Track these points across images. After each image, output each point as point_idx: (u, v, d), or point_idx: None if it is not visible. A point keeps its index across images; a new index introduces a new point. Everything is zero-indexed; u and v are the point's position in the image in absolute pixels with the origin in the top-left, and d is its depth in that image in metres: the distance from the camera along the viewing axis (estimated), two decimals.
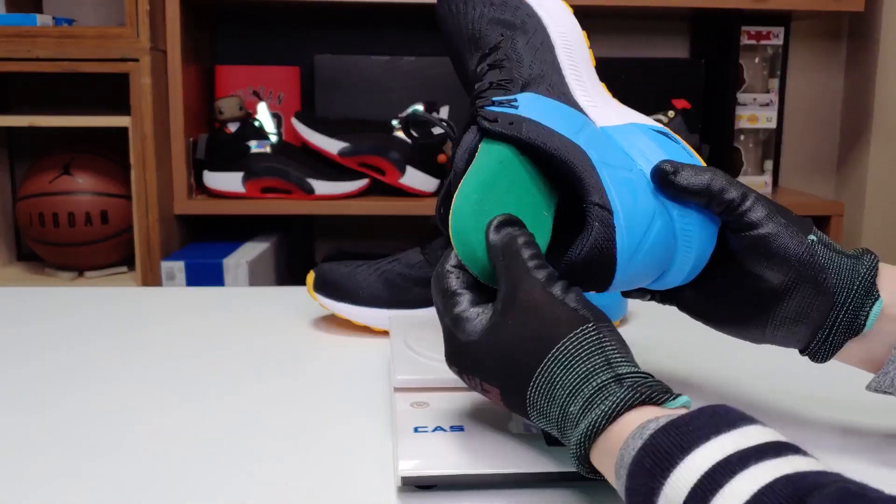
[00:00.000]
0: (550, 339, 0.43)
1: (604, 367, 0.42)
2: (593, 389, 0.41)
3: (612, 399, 0.41)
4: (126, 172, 1.59)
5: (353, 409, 0.59)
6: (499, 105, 0.53)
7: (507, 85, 0.54)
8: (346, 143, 1.65)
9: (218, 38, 1.85)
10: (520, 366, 0.44)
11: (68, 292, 0.93)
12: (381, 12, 1.85)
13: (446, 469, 0.46)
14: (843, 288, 0.49)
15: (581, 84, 0.55)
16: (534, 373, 0.43)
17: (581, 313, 0.44)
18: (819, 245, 0.49)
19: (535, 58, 0.55)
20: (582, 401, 0.41)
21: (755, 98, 1.81)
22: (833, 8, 1.66)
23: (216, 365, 0.69)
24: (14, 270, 1.72)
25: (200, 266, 1.51)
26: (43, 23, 1.53)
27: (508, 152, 0.52)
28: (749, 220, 0.49)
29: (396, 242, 1.93)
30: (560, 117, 0.52)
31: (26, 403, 0.60)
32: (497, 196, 0.49)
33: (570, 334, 0.43)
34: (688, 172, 0.49)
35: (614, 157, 0.51)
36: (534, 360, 0.43)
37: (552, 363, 0.43)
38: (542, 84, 0.54)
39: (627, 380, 0.42)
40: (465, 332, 0.46)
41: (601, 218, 0.48)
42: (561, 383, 0.42)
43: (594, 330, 0.43)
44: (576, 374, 0.42)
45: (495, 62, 0.55)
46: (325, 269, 0.77)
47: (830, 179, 2.01)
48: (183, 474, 0.50)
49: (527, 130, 0.51)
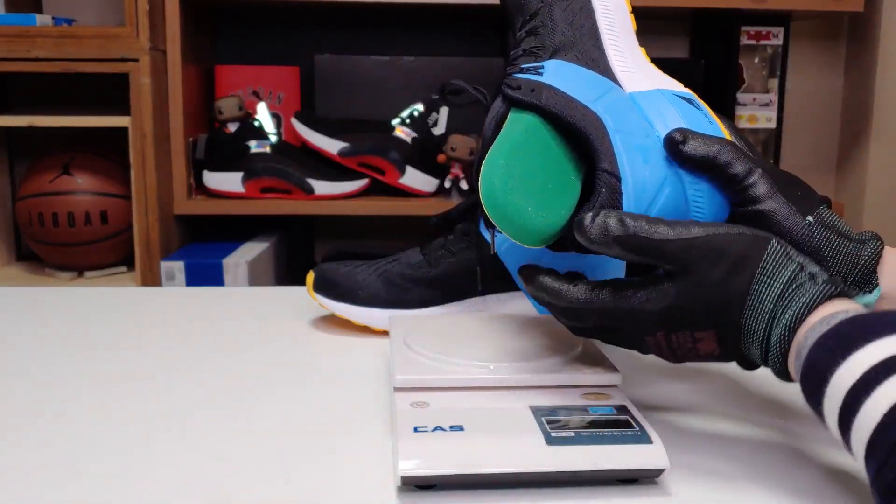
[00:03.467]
0: (751, 266, 0.45)
1: (798, 270, 0.45)
2: (793, 289, 0.44)
3: (810, 293, 0.44)
4: (126, 172, 1.59)
5: (352, 409, 0.59)
6: (526, 72, 0.54)
7: (537, 52, 0.55)
8: (345, 143, 1.65)
9: (218, 38, 1.85)
10: (729, 302, 0.46)
11: (68, 292, 0.93)
12: (381, 12, 1.85)
13: (446, 469, 0.46)
14: (841, 271, 0.49)
15: (617, 48, 0.56)
16: (745, 300, 0.45)
17: (762, 235, 0.46)
18: (818, 227, 0.49)
19: (571, 24, 0.56)
20: (784, 302, 0.44)
21: (755, 98, 1.81)
22: (833, 8, 1.66)
23: (216, 365, 0.69)
24: (14, 270, 1.71)
25: (200, 266, 1.51)
26: (43, 23, 1.53)
27: (534, 119, 0.53)
28: (749, 195, 0.50)
29: (396, 242, 1.93)
30: (583, 83, 0.53)
31: (25, 404, 0.60)
32: (523, 160, 0.50)
33: (764, 254, 0.45)
34: (696, 143, 0.50)
35: (633, 124, 0.52)
36: (742, 290, 0.45)
37: (758, 286, 0.45)
38: (572, 50, 0.55)
39: (819, 276, 0.45)
40: (651, 301, 0.47)
41: (609, 184, 0.49)
42: (769, 297, 0.45)
43: (778, 244, 0.46)
44: (780, 284, 0.45)
45: (532, 29, 0.56)
46: (324, 269, 0.77)
47: (830, 179, 2.01)
48: (182, 474, 0.50)
49: (546, 98, 0.52)
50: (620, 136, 0.51)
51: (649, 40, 1.91)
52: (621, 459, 0.47)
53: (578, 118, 0.51)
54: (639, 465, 0.47)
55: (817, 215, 0.50)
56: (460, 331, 0.61)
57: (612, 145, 0.50)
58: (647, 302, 0.47)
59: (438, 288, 0.74)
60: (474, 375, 0.54)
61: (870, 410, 0.37)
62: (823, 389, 0.40)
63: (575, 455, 0.47)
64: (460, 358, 0.55)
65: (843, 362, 0.39)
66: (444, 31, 1.87)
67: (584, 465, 0.46)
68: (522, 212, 0.49)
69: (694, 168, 0.50)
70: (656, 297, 0.47)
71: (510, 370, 0.54)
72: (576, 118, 0.51)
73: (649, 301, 0.47)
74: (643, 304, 0.47)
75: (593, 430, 0.48)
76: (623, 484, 0.48)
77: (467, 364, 0.55)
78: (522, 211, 0.49)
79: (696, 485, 0.48)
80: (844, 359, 0.39)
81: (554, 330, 0.61)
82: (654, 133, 0.51)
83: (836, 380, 0.39)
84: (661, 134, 0.51)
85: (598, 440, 0.47)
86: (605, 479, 0.47)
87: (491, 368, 0.54)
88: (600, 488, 0.47)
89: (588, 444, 0.47)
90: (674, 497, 0.47)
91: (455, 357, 0.55)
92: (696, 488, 0.48)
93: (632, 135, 0.51)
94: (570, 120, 0.52)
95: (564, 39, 0.55)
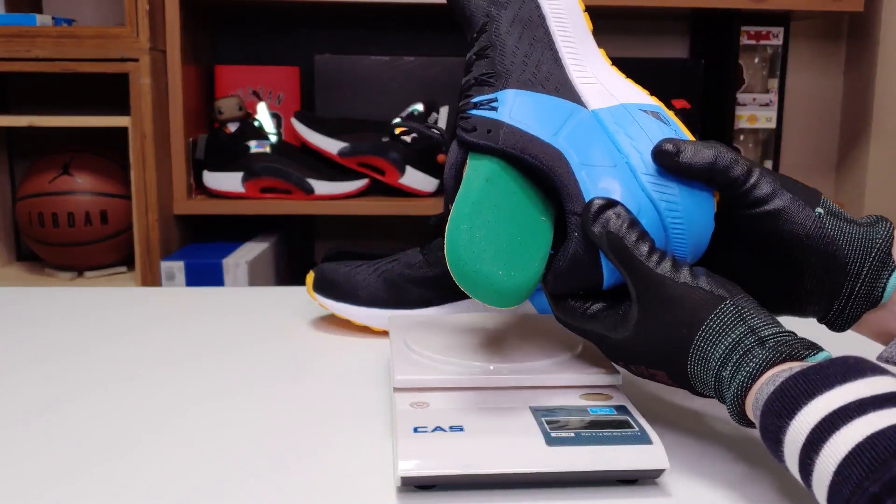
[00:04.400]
0: (695, 323, 0.46)
1: (747, 333, 0.45)
2: (739, 355, 0.44)
3: (755, 361, 0.44)
4: (125, 172, 1.59)
5: (352, 409, 0.59)
6: (479, 107, 0.51)
7: (489, 80, 0.52)
8: (345, 143, 1.65)
9: (218, 38, 1.85)
10: (674, 351, 0.47)
11: (68, 292, 0.93)
12: (381, 12, 1.85)
13: (446, 469, 0.46)
14: (857, 259, 0.49)
15: (575, 57, 0.53)
16: (688, 354, 0.46)
17: (717, 293, 0.46)
18: (828, 216, 0.49)
19: (521, 37, 0.52)
20: (731, 366, 0.45)
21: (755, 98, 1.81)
22: (833, 8, 1.66)
23: (215, 365, 0.69)
24: (14, 270, 1.71)
25: (200, 266, 1.51)
26: (42, 23, 1.53)
27: (494, 166, 0.50)
28: (754, 196, 0.49)
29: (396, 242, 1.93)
30: (542, 113, 0.51)
31: (25, 404, 0.60)
32: (487, 220, 0.48)
33: (712, 315, 0.46)
34: (690, 151, 0.48)
35: (598, 152, 0.50)
36: (686, 343, 0.46)
37: (702, 342, 0.46)
38: (525, 71, 0.52)
39: (770, 341, 0.44)
40: (616, 332, 0.49)
41: (580, 227, 0.48)
42: (713, 356, 0.45)
43: (732, 305, 0.46)
44: (724, 346, 0.45)
45: (481, 50, 0.53)
46: (324, 269, 0.77)
47: (830, 179, 2.01)
48: (182, 474, 0.50)
49: (504, 139, 0.50)
50: (587, 171, 0.49)
51: (649, 40, 1.91)
52: (621, 460, 0.47)
53: (541, 157, 0.49)
54: (639, 465, 0.47)
55: (824, 206, 0.49)
56: (460, 331, 0.61)
57: (579, 183, 0.49)
58: (612, 330, 0.49)
59: (438, 288, 0.74)
60: (474, 375, 0.54)
61: (820, 472, 0.37)
62: (781, 451, 0.40)
63: (575, 455, 0.46)
64: (460, 358, 0.55)
65: (790, 424, 0.39)
66: (444, 31, 1.87)
67: (583, 466, 0.46)
68: (493, 278, 0.47)
69: (692, 177, 0.49)
70: (622, 327, 0.49)
71: (510, 370, 0.54)
72: (538, 157, 0.49)
73: (615, 330, 0.49)
74: (609, 332, 0.49)
75: (593, 430, 0.48)
76: (623, 484, 0.48)
77: (467, 364, 0.55)
78: (492, 277, 0.47)
79: (696, 485, 0.48)
80: (791, 420, 0.39)
81: (554, 330, 0.61)
82: (621, 159, 0.49)
83: (787, 441, 0.40)
84: (631, 156, 0.49)
85: (597, 440, 0.47)
86: (604, 479, 0.47)
87: (491, 368, 0.54)
88: (600, 488, 0.47)
89: (588, 445, 0.47)
90: (674, 497, 0.47)
91: (455, 357, 0.55)
92: (696, 488, 0.48)
93: (598, 167, 0.49)
94: (531, 161, 0.49)
95: (516, 60, 0.52)
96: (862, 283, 0.49)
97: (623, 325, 0.48)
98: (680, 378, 0.48)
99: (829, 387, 0.39)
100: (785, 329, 0.45)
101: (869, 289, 0.49)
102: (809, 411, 0.38)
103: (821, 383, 0.39)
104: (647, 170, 0.49)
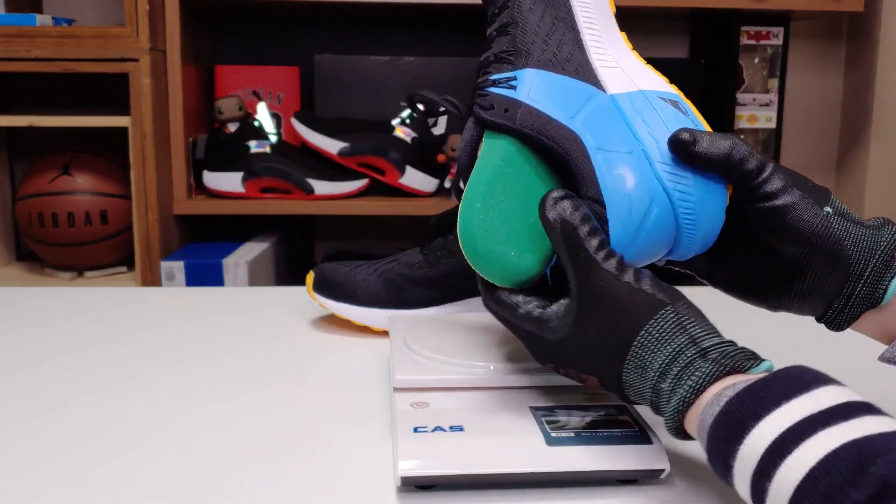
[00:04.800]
0: (634, 328, 0.44)
1: (688, 344, 0.43)
2: (680, 367, 0.43)
3: (698, 374, 0.42)
4: (125, 172, 1.59)
5: (352, 410, 0.59)
6: (498, 85, 0.51)
7: (509, 58, 0.52)
8: (345, 143, 1.65)
9: (218, 38, 1.85)
10: (610, 355, 0.45)
11: (68, 292, 0.93)
12: (381, 12, 1.85)
13: (446, 469, 0.46)
14: (861, 259, 0.49)
15: (597, 40, 0.52)
16: (624, 360, 0.44)
17: (658, 298, 0.45)
18: (835, 216, 0.49)
19: (544, 15, 0.52)
20: (671, 378, 0.43)
21: (755, 98, 1.81)
22: (833, 8, 1.66)
23: (216, 365, 0.69)
24: (14, 270, 1.71)
25: (200, 266, 1.51)
26: (42, 23, 1.53)
27: (510, 146, 0.50)
28: (765, 191, 0.48)
29: (396, 242, 1.93)
30: (560, 95, 0.50)
31: (25, 403, 0.60)
32: (501, 199, 0.49)
33: (651, 320, 0.44)
34: (707, 141, 0.48)
35: (614, 137, 0.49)
36: (622, 349, 0.44)
37: (639, 349, 0.44)
38: (546, 51, 0.51)
39: (712, 353, 0.43)
40: (550, 331, 0.47)
41: (594, 212, 0.48)
42: (651, 366, 0.44)
43: (672, 312, 0.44)
44: (663, 356, 0.43)
45: (502, 27, 0.52)
46: (324, 269, 0.77)
47: (830, 179, 2.01)
48: (182, 474, 0.50)
49: (521, 118, 0.50)
50: (602, 156, 0.49)
51: (649, 40, 1.91)
52: (621, 460, 0.47)
53: (558, 140, 0.49)
54: (639, 465, 0.47)
55: (833, 205, 0.49)
56: (460, 331, 0.61)
57: (595, 168, 0.48)
58: (547, 329, 0.47)
59: (438, 288, 0.74)
60: (474, 375, 0.54)
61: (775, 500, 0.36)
62: (731, 476, 0.39)
63: (575, 455, 0.47)
64: (460, 358, 0.55)
65: (738, 451, 0.38)
66: (444, 31, 1.87)
67: (583, 466, 0.46)
68: (504, 258, 0.48)
69: (709, 167, 0.48)
70: (557, 326, 0.47)
71: (510, 370, 0.54)
72: (555, 140, 0.49)
73: (549, 329, 0.47)
74: (543, 331, 0.47)
75: (593, 430, 0.48)
76: (623, 484, 0.48)
77: (467, 364, 0.55)
78: (504, 257, 0.48)
79: (696, 485, 0.48)
80: (739, 446, 0.38)
81: None
82: (637, 146, 0.49)
83: (737, 468, 0.38)
84: (646, 144, 0.49)
85: (597, 440, 0.47)
86: (604, 479, 0.47)
87: (491, 368, 0.54)
88: (600, 488, 0.47)
89: (588, 445, 0.47)
90: (674, 497, 0.47)
91: (455, 357, 0.55)
92: (696, 488, 0.48)
93: (613, 152, 0.49)
94: (547, 143, 0.49)
95: (537, 39, 0.51)
96: (864, 284, 0.49)
97: (559, 325, 0.47)
98: (612, 385, 0.46)
99: (776, 404, 0.38)
100: (726, 339, 0.44)
101: (870, 290, 0.49)
102: (757, 434, 0.37)
103: (766, 401, 0.38)
104: (662, 158, 0.49)
